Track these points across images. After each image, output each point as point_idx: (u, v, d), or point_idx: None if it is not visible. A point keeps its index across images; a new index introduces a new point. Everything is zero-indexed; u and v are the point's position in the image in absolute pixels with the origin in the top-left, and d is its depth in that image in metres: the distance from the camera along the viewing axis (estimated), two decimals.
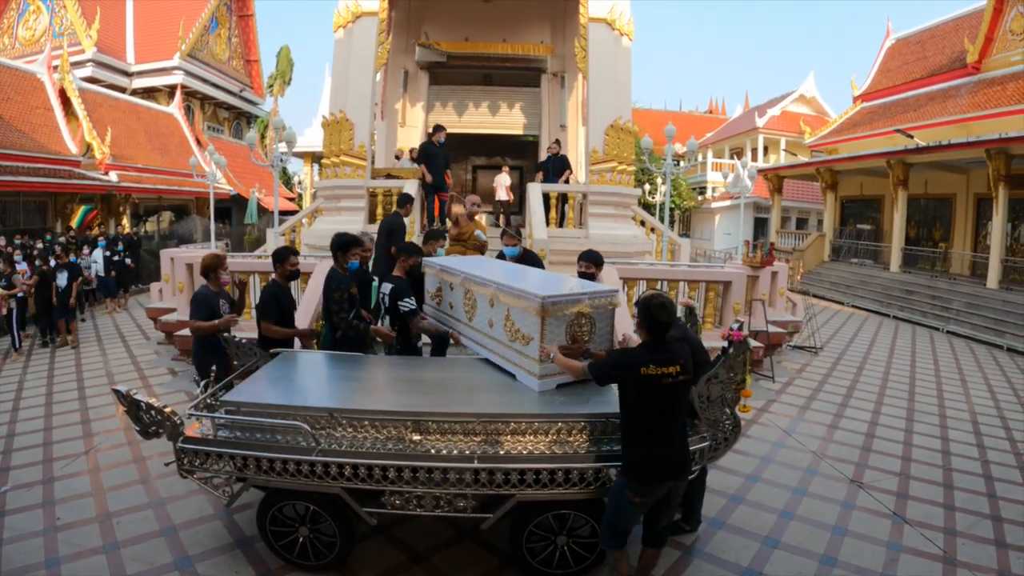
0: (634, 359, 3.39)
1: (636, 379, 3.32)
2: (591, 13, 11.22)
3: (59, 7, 25.57)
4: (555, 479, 3.61)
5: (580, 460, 3.66)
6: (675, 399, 3.40)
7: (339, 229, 10.51)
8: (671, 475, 3.43)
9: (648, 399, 3.34)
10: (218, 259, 5.42)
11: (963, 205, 19.82)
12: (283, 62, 41.87)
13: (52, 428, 6.83)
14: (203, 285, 5.42)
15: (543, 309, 4.04)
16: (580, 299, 4.22)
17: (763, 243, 10.08)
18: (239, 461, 3.76)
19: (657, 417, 3.37)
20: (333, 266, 5.31)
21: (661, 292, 3.74)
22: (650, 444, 3.37)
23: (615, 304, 4.40)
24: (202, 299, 5.24)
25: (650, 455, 3.37)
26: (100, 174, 20.14)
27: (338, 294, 5.03)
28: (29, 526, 4.67)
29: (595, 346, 4.31)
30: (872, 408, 8.17)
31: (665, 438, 3.38)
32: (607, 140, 11.17)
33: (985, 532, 4.94)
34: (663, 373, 3.31)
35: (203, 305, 5.20)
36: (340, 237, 5.40)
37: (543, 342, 4.10)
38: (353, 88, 11.30)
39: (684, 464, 3.50)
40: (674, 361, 3.35)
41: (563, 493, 3.65)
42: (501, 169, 14.40)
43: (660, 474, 3.40)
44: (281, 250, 5.49)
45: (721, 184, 34.14)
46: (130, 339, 11.72)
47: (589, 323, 4.28)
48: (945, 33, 24.49)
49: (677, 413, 3.46)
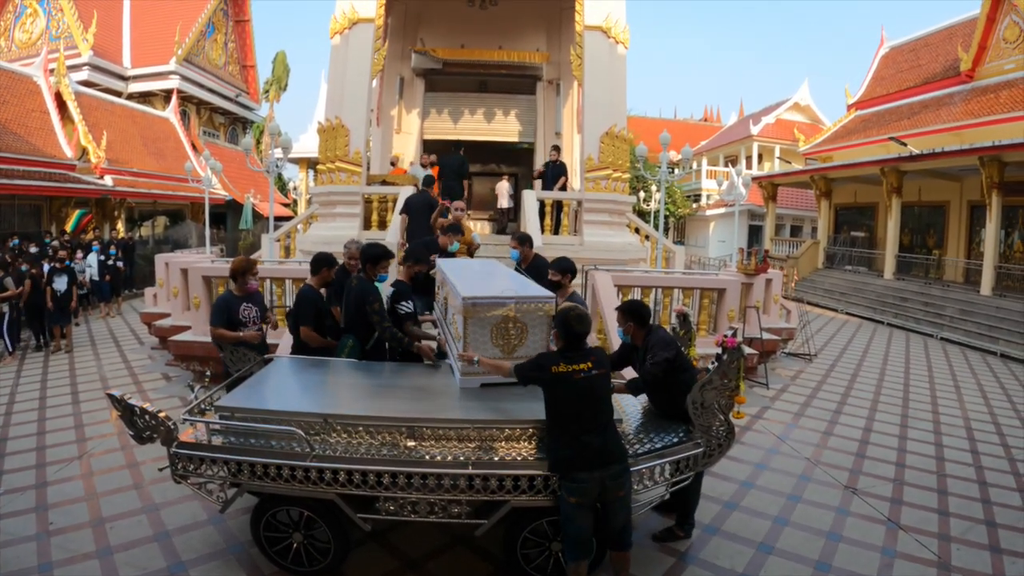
0: (546, 360, 3.60)
1: (549, 377, 3.50)
2: (587, 21, 11.28)
3: (56, 10, 25.56)
4: (549, 485, 3.62)
5: None
6: (590, 392, 3.51)
7: (334, 235, 10.65)
8: (595, 464, 3.47)
9: (563, 394, 3.50)
10: (248, 263, 5.35)
11: (957, 212, 19.95)
12: (279, 68, 41.94)
13: (45, 432, 6.80)
14: (227, 289, 5.36)
15: (464, 310, 4.11)
16: (505, 303, 4.17)
17: (757, 250, 10.11)
18: (233, 466, 3.75)
19: (574, 411, 3.49)
20: (362, 277, 5.10)
21: (578, 306, 3.80)
22: (571, 437, 3.48)
23: (548, 311, 4.27)
24: (222, 304, 5.20)
25: (571, 448, 3.47)
26: (95, 178, 20.08)
27: (377, 304, 4.89)
28: (22, 530, 4.64)
29: (527, 352, 4.25)
30: (866, 415, 8.20)
31: (585, 429, 3.48)
32: (602, 147, 11.20)
33: (979, 537, 4.96)
34: (574, 369, 3.49)
35: (222, 311, 5.16)
36: (372, 248, 5.19)
37: (467, 342, 4.18)
38: (349, 94, 11.32)
39: (609, 453, 3.51)
40: (584, 358, 3.54)
41: (557, 499, 3.64)
42: (501, 177, 14.42)
43: (584, 463, 3.45)
44: (323, 256, 5.49)
45: (716, 192, 34.31)
46: (124, 344, 11.68)
47: (518, 328, 4.24)
48: (939, 41, 24.68)
49: (596, 405, 3.55)
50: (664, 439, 4.16)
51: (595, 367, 3.54)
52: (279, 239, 11.99)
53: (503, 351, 4.25)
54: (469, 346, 4.18)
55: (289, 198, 36.68)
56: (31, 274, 10.94)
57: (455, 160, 11.09)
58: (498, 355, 4.23)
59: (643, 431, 4.31)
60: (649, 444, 4.07)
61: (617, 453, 3.58)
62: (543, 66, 15.47)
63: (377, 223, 11.04)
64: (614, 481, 3.51)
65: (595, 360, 3.57)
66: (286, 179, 40.43)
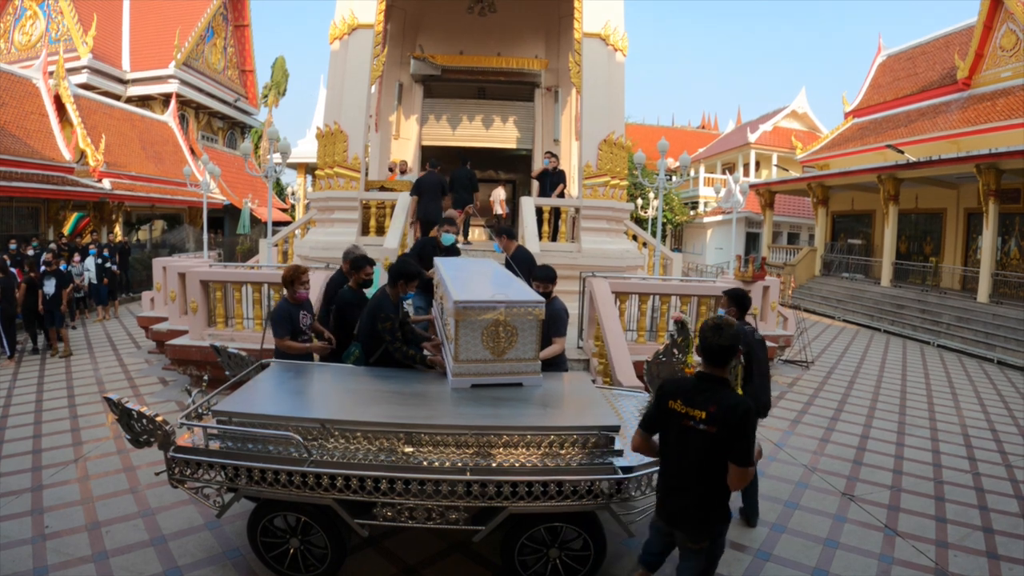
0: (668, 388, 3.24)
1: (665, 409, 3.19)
2: (585, 28, 11.33)
3: (56, 13, 25.61)
4: (547, 491, 3.61)
5: (572, 473, 3.66)
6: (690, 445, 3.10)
7: (332, 241, 10.66)
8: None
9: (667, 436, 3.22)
10: (298, 270, 5.29)
11: (953, 220, 20.02)
12: (278, 73, 41.94)
13: (42, 435, 6.78)
14: (282, 299, 5.32)
15: (456, 313, 4.17)
16: (495, 307, 4.22)
17: (755, 258, 10.13)
18: (230, 471, 3.74)
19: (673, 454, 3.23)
20: (386, 292, 5.01)
21: (718, 316, 3.34)
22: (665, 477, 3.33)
23: (537, 315, 4.31)
24: (284, 315, 5.16)
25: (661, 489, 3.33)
26: (93, 181, 20.08)
27: (389, 324, 4.82)
28: (18, 534, 4.62)
29: (517, 355, 4.34)
30: (863, 422, 8.21)
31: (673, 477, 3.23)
32: (600, 155, 11.23)
33: (977, 544, 4.97)
34: (687, 413, 3.06)
35: (285, 321, 5.14)
36: (406, 266, 5.07)
37: (458, 345, 4.23)
38: (348, 100, 11.34)
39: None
40: (705, 404, 3.02)
41: (555, 506, 3.64)
42: (498, 184, 14.45)
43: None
44: (359, 259, 5.49)
45: (713, 199, 34.38)
46: (121, 348, 11.66)
47: (508, 331, 4.29)
48: (936, 49, 24.81)
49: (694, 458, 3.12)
50: None
51: (708, 422, 2.97)
52: (277, 244, 11.98)
53: (493, 353, 4.29)
54: (460, 348, 4.25)
55: (287, 203, 36.67)
56: (28, 277, 10.92)
57: (464, 173, 11.24)
58: (488, 357, 4.28)
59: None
60: None
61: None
62: (541, 73, 15.53)
63: (375, 229, 11.04)
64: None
65: (714, 412, 2.96)
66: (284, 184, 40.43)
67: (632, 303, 8.83)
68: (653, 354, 5.09)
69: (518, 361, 4.35)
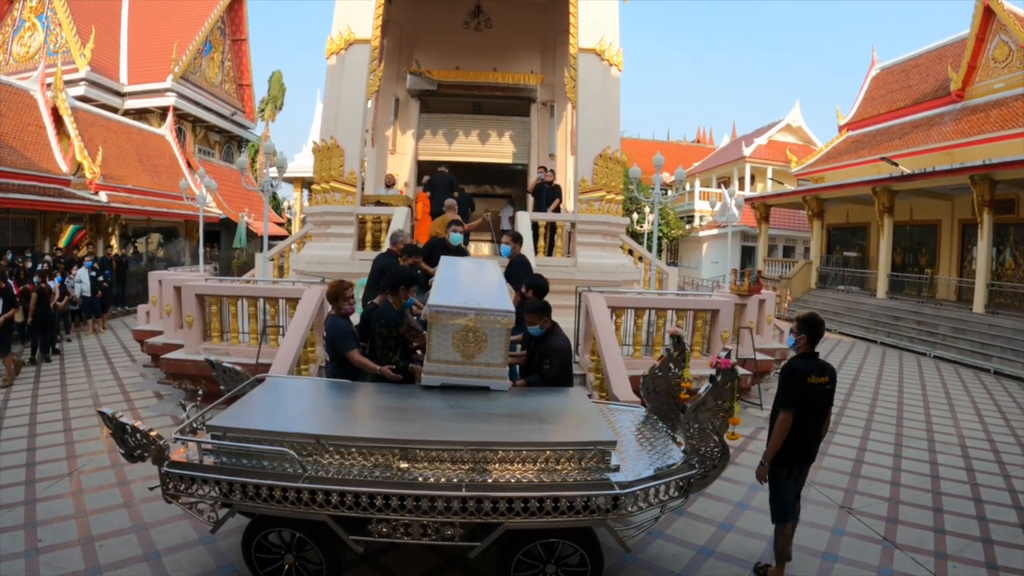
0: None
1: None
2: (581, 44, 11.41)
3: (54, 25, 25.69)
4: (543, 507, 3.59)
5: (568, 488, 3.64)
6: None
7: (328, 255, 10.67)
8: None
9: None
10: (342, 285, 5.20)
11: (948, 231, 20.12)
12: (275, 87, 42.17)
13: (35, 448, 6.73)
14: (332, 315, 5.18)
15: (429, 316, 4.51)
16: (466, 313, 4.50)
17: (750, 271, 10.15)
18: (225, 487, 3.71)
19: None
20: (388, 300, 5.10)
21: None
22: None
23: (505, 324, 4.56)
24: (345, 331, 5.04)
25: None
26: (90, 194, 20.05)
27: (385, 331, 4.89)
28: (10, 547, 4.59)
29: (485, 360, 4.59)
30: (860, 434, 8.21)
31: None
32: (596, 169, 11.28)
33: (976, 555, 4.96)
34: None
35: (349, 336, 5.03)
36: (404, 273, 5.24)
37: (431, 345, 4.55)
38: (344, 115, 11.39)
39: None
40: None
41: (551, 521, 3.63)
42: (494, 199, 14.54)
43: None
44: (409, 247, 5.76)
45: (708, 213, 34.52)
46: (116, 361, 11.61)
47: (477, 337, 4.53)
48: (929, 62, 25.04)
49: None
50: (659, 460, 4.16)
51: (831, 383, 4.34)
52: (273, 258, 11.97)
53: (463, 356, 4.56)
54: (433, 349, 4.55)
55: (283, 217, 36.72)
56: (39, 287, 10.99)
57: (442, 177, 11.55)
58: (458, 359, 4.56)
59: (637, 452, 4.30)
60: (644, 465, 4.06)
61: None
62: (537, 88, 15.63)
63: (371, 243, 11.05)
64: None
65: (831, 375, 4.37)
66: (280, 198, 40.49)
67: (628, 318, 8.83)
68: (649, 369, 5.10)
69: (486, 366, 4.59)
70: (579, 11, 11.46)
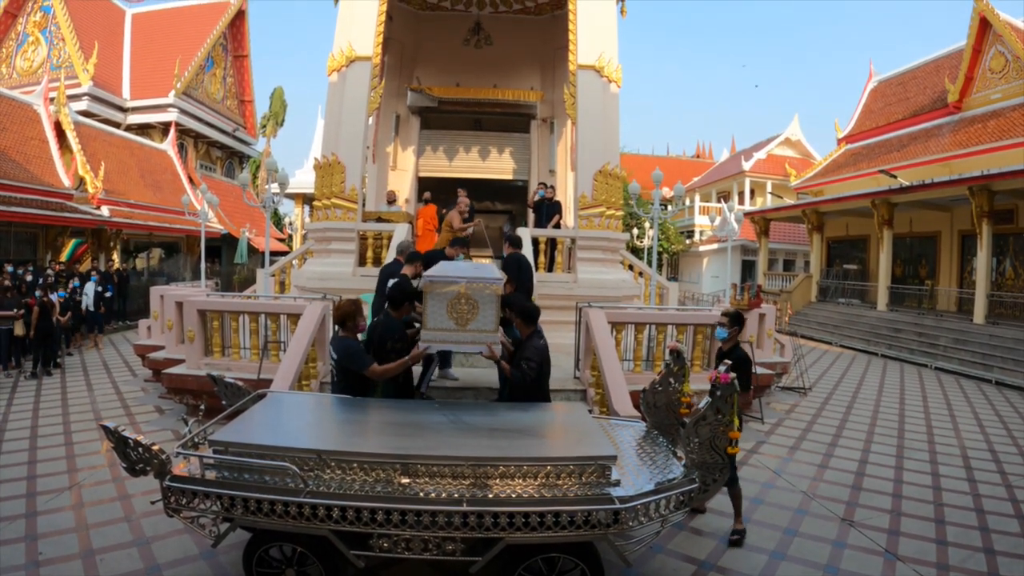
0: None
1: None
2: (580, 60, 11.51)
3: (58, 40, 25.96)
4: (544, 522, 3.60)
5: (569, 503, 3.65)
6: None
7: (329, 272, 10.70)
8: None
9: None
10: (356, 305, 5.21)
11: (948, 242, 20.17)
12: (276, 103, 42.44)
13: (36, 461, 6.73)
14: (340, 336, 5.09)
15: (424, 285, 4.93)
16: (457, 281, 4.92)
17: (751, 285, 10.21)
18: (226, 501, 3.72)
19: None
20: (391, 314, 5.14)
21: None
22: None
23: (495, 290, 4.97)
24: (358, 351, 4.99)
25: None
26: (92, 208, 20.18)
27: (400, 345, 4.97)
28: (11, 560, 4.58)
29: (479, 326, 4.95)
30: (862, 447, 8.19)
31: None
32: (596, 185, 11.33)
33: (978, 566, 4.94)
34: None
35: (364, 354, 4.98)
36: (408, 288, 5.45)
37: (426, 315, 4.93)
38: (345, 131, 11.47)
39: None
40: None
41: (552, 536, 3.63)
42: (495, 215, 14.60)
43: None
44: (414, 254, 6.07)
45: (709, 227, 34.62)
46: (117, 375, 11.61)
47: (470, 304, 4.93)
48: (926, 74, 25.22)
49: None
50: (660, 474, 4.16)
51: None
52: (274, 274, 12.01)
53: (457, 324, 4.93)
54: (428, 318, 4.91)
55: (285, 233, 36.83)
56: (41, 301, 11.05)
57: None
58: (452, 327, 4.93)
59: (638, 466, 4.31)
60: (645, 480, 4.06)
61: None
62: (537, 104, 15.74)
63: (372, 260, 11.08)
64: None
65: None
66: (282, 214, 40.65)
67: (628, 333, 8.85)
68: (650, 383, 5.12)
69: (479, 332, 4.91)
70: (578, 28, 11.57)
